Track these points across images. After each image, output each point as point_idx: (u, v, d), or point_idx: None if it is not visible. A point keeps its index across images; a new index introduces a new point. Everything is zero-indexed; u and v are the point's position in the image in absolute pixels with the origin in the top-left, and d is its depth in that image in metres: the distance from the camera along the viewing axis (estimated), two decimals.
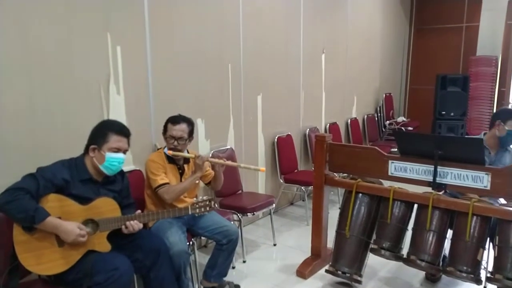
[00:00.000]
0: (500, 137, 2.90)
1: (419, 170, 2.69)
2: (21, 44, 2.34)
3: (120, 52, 2.83)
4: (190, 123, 2.80)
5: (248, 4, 3.85)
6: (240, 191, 3.80)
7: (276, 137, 4.38)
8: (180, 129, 2.72)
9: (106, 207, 2.18)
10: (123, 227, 2.20)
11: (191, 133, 2.80)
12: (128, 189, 2.43)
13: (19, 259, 1.98)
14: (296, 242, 3.78)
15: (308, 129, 4.88)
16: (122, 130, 2.26)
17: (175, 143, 2.71)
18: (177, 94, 3.29)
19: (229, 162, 2.89)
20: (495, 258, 2.50)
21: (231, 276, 3.02)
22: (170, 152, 2.71)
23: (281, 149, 4.40)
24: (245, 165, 2.94)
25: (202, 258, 3.21)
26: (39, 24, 2.40)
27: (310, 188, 4.03)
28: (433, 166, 2.60)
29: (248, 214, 3.40)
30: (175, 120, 2.76)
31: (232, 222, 3.05)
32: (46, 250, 2.02)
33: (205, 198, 2.46)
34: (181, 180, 2.80)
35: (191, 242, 2.83)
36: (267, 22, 4.15)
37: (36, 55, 2.41)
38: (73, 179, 2.13)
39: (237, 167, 3.56)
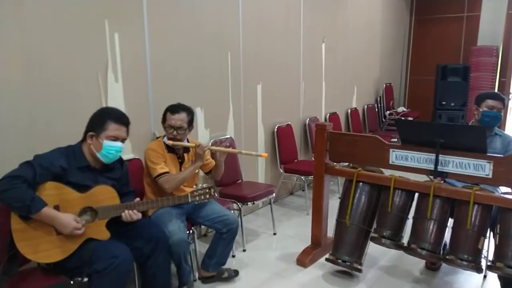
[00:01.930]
0: (479, 120, 2.90)
1: (420, 159, 2.66)
2: (18, 31, 2.30)
3: (118, 39, 2.79)
4: (190, 112, 2.74)
5: None
6: (240, 181, 3.78)
7: (276, 127, 4.35)
8: (179, 119, 2.67)
9: (104, 194, 2.17)
10: (122, 214, 2.18)
11: (190, 122, 2.74)
12: (127, 177, 2.41)
13: (17, 247, 1.96)
14: (296, 231, 3.77)
15: (308, 119, 4.85)
16: (121, 119, 2.23)
17: (174, 132, 2.66)
18: (176, 82, 3.25)
19: (230, 149, 2.86)
20: (496, 246, 2.49)
21: (231, 265, 3.01)
22: (169, 142, 2.67)
23: (281, 138, 4.38)
24: (246, 151, 2.90)
25: (202, 247, 3.20)
26: (37, 11, 2.36)
27: (310, 178, 4.02)
28: (434, 155, 2.58)
29: (248, 203, 3.38)
30: (174, 109, 2.69)
31: (232, 211, 3.03)
32: (43, 238, 2.00)
33: (204, 185, 2.45)
34: (180, 170, 2.77)
35: (191, 231, 2.82)
36: (267, 11, 4.10)
37: (33, 42, 2.37)
38: (70, 166, 2.11)
39: (239, 154, 3.54)
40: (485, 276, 2.85)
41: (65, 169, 2.08)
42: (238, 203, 3.34)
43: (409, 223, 2.76)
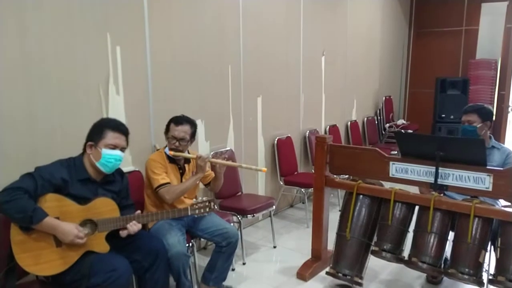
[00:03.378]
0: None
1: (420, 172, 2.67)
2: (20, 44, 2.32)
3: (119, 52, 2.82)
4: (193, 125, 2.78)
5: (248, 6, 3.85)
6: (240, 193, 3.77)
7: (276, 139, 4.36)
8: (183, 130, 2.70)
9: (104, 207, 2.16)
10: (120, 231, 2.18)
11: (193, 135, 2.78)
12: (127, 190, 2.40)
13: (16, 259, 1.95)
14: (296, 244, 3.75)
15: (308, 131, 4.86)
16: (119, 127, 2.24)
17: (177, 143, 2.69)
18: (177, 94, 3.27)
19: (230, 163, 2.86)
20: (497, 260, 2.48)
21: (230, 278, 2.99)
22: (171, 153, 2.68)
23: (281, 151, 4.38)
24: (246, 165, 2.91)
25: (201, 260, 3.19)
26: (39, 24, 2.39)
27: (310, 190, 4.01)
28: (434, 168, 2.59)
29: (248, 215, 3.37)
30: (178, 120, 2.73)
31: (232, 224, 3.02)
32: (43, 250, 1.99)
33: (204, 199, 2.44)
34: (181, 180, 2.78)
35: (190, 244, 2.80)
36: (267, 24, 4.14)
37: (35, 55, 2.39)
38: (71, 178, 2.11)
39: (239, 167, 3.54)
40: None
41: (66, 181, 2.08)
42: (238, 216, 3.33)
43: (409, 236, 2.75)
